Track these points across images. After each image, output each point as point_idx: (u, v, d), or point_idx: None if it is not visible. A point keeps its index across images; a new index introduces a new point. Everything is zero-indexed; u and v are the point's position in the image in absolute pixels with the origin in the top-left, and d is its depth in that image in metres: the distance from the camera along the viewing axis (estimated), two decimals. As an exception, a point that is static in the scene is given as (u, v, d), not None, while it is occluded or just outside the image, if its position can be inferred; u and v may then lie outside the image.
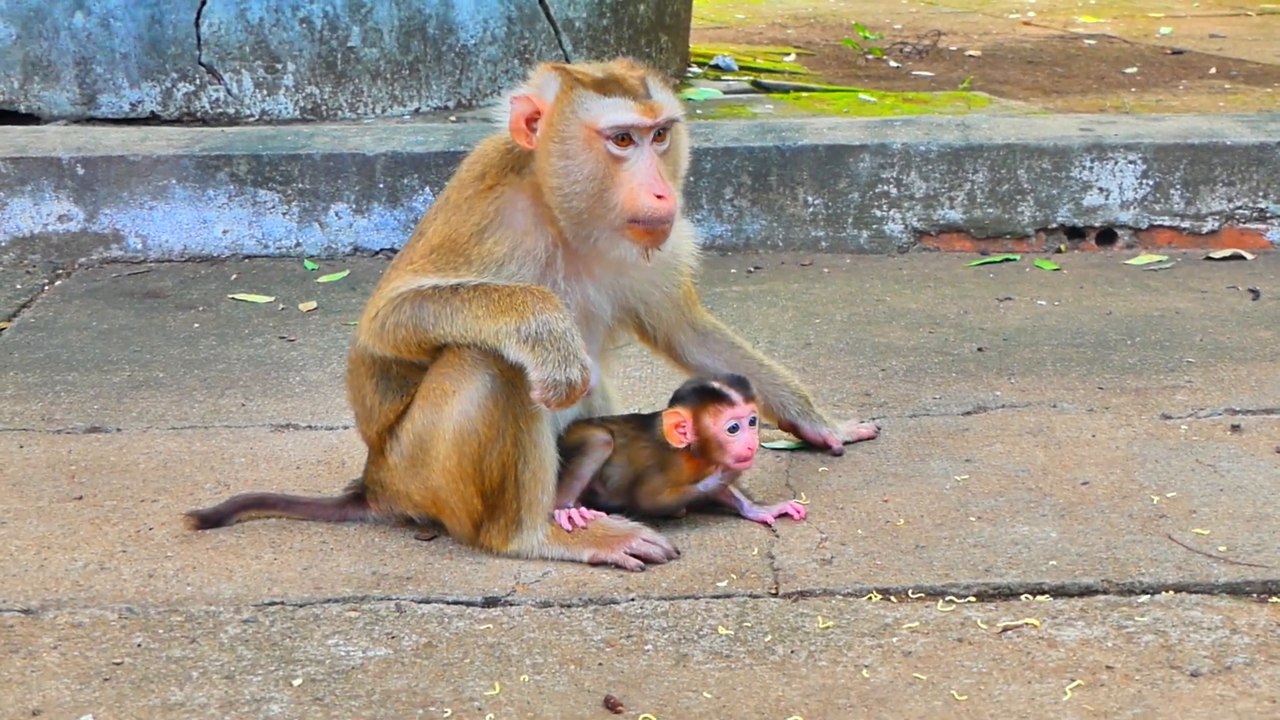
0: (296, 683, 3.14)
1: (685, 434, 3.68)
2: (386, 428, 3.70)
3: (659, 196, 3.45)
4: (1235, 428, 4.27)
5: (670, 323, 3.94)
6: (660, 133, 3.50)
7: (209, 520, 3.81)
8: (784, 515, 3.79)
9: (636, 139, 3.47)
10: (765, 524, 3.78)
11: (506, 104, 3.56)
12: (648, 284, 3.80)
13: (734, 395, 3.67)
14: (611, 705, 3.05)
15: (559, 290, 3.55)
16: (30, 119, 6.76)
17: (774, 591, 3.46)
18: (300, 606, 3.44)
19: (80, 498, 3.99)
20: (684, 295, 3.91)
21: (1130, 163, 5.97)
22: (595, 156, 3.46)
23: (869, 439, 4.22)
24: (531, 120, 3.52)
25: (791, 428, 4.15)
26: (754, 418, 3.71)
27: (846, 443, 4.17)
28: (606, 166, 3.46)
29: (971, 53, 9.09)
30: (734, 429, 3.67)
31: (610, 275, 3.67)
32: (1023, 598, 3.42)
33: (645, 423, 3.81)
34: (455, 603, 3.45)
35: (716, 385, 3.69)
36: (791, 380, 4.15)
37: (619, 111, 3.45)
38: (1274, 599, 3.40)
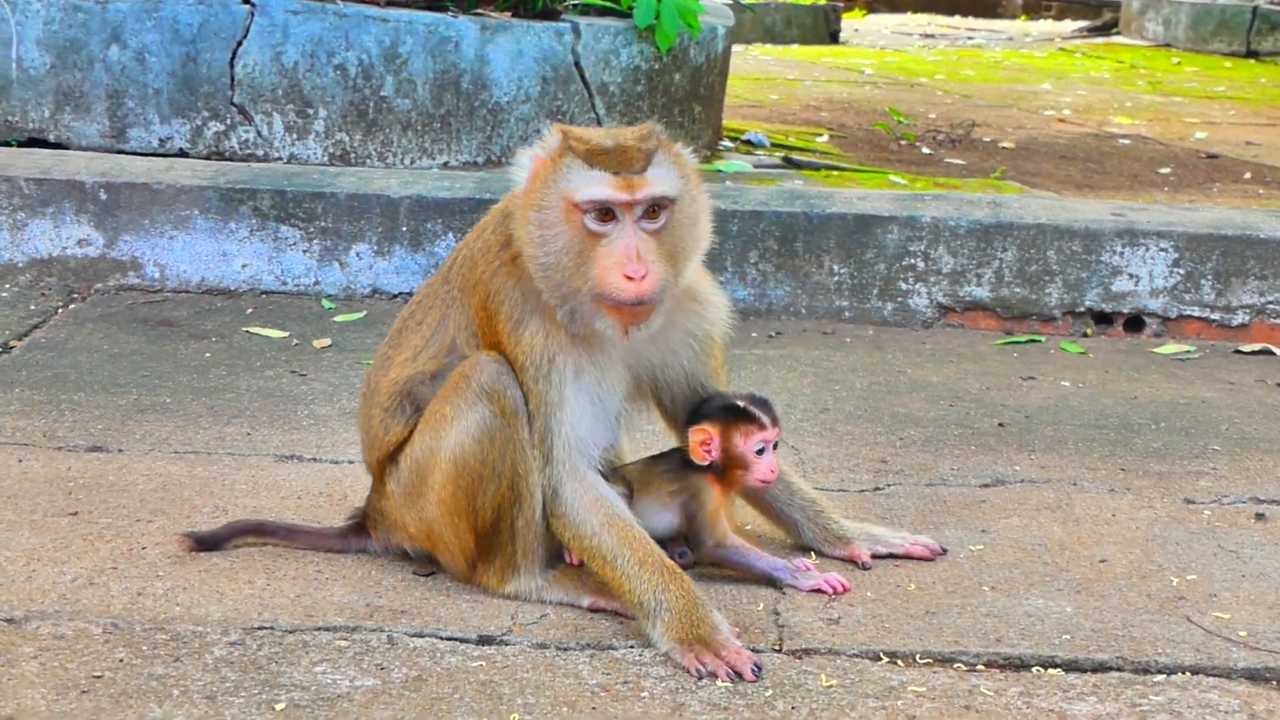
0: (279, 707, 3.04)
1: (710, 451, 3.60)
2: (388, 454, 3.61)
3: (629, 278, 3.28)
4: (1260, 516, 4.17)
5: (687, 400, 3.71)
6: (652, 210, 3.33)
7: (205, 543, 3.72)
8: (791, 573, 3.69)
9: (619, 215, 3.31)
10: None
11: (524, 161, 3.43)
12: (668, 354, 3.62)
13: (764, 418, 3.62)
14: (603, 748, 2.94)
15: (571, 365, 3.43)
16: (59, 149, 6.72)
17: (778, 648, 3.36)
18: (290, 632, 3.34)
19: (75, 514, 3.90)
20: (710, 372, 3.69)
21: (1162, 250, 5.89)
22: (573, 230, 3.32)
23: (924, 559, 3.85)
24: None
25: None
26: (777, 442, 3.66)
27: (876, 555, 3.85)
28: (584, 241, 3.31)
29: (1005, 144, 9.06)
30: (761, 451, 3.62)
31: (622, 345, 3.50)
32: (1034, 670, 3.31)
33: (659, 457, 3.73)
34: (449, 638, 3.35)
35: (744, 405, 3.63)
36: (814, 504, 3.89)
37: (595, 186, 3.29)
38: (1295, 686, 3.28)
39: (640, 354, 3.57)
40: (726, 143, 8.23)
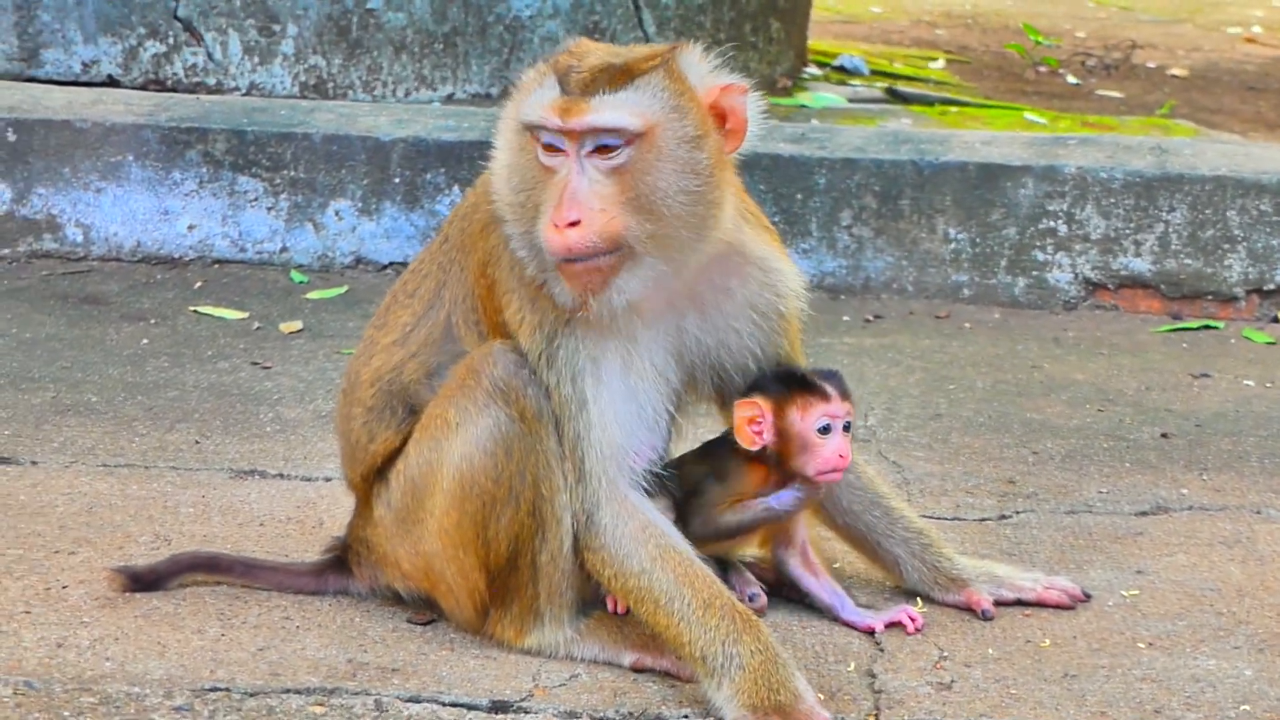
0: (237, 790, 3.12)
1: (762, 431, 3.64)
2: (374, 469, 3.67)
3: (554, 225, 3.33)
4: None
5: None
6: (603, 146, 3.35)
7: (142, 581, 3.78)
8: (895, 624, 3.74)
9: (565, 147, 3.37)
10: (870, 632, 3.72)
11: (523, 79, 3.54)
12: (727, 331, 3.65)
13: (829, 388, 3.64)
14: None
15: (584, 349, 3.49)
16: (-46, 75, 6.84)
17: (873, 718, 3.41)
18: (250, 695, 3.39)
19: (-24, 543, 3.99)
20: (786, 359, 3.74)
21: (1377, 211, 5.94)
22: (528, 162, 3.43)
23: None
24: None
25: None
26: (849, 422, 3.66)
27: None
28: (538, 176, 3.41)
29: (1175, 72, 9.07)
30: (825, 429, 3.63)
31: (666, 318, 3.56)
32: (1203, 750, 3.36)
33: (704, 449, 3.80)
34: (453, 704, 3.39)
35: (806, 374, 3.66)
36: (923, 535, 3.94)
37: (535, 106, 3.38)
38: None
39: (685, 333, 3.60)
40: (813, 69, 8.27)
